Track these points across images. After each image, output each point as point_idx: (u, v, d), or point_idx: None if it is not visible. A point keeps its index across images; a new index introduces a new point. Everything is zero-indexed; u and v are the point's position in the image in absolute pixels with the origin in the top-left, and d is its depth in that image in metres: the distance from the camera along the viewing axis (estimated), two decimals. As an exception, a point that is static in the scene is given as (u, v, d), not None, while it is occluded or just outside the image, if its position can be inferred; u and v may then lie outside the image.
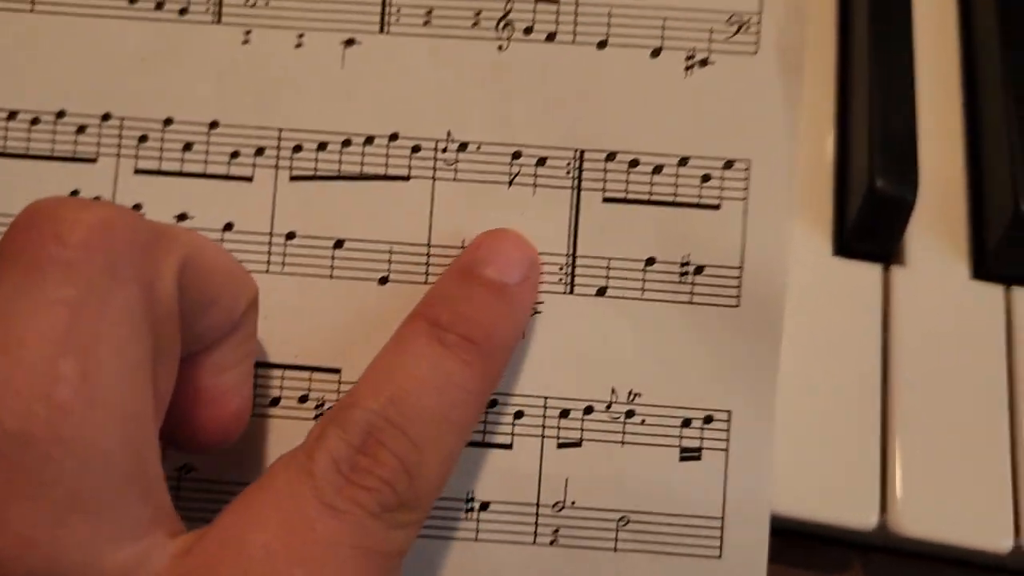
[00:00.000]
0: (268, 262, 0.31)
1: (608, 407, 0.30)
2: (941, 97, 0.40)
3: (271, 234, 0.31)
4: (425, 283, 0.31)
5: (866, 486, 0.33)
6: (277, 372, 0.31)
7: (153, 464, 0.23)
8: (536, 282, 0.31)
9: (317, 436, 0.25)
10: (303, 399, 0.31)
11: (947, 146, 0.39)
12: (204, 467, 0.31)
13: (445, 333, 0.27)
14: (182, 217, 0.31)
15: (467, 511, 0.30)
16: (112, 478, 0.22)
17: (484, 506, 0.30)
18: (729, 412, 0.30)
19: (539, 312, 0.31)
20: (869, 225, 0.36)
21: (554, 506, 0.30)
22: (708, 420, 0.30)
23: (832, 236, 0.37)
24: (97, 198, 0.31)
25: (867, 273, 0.36)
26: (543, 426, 0.30)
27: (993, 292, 0.36)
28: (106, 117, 0.31)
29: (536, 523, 0.30)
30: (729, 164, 0.31)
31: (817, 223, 0.37)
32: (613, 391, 0.30)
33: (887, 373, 0.35)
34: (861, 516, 0.33)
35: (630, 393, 0.30)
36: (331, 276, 0.31)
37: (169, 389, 0.25)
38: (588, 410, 0.30)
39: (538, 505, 0.30)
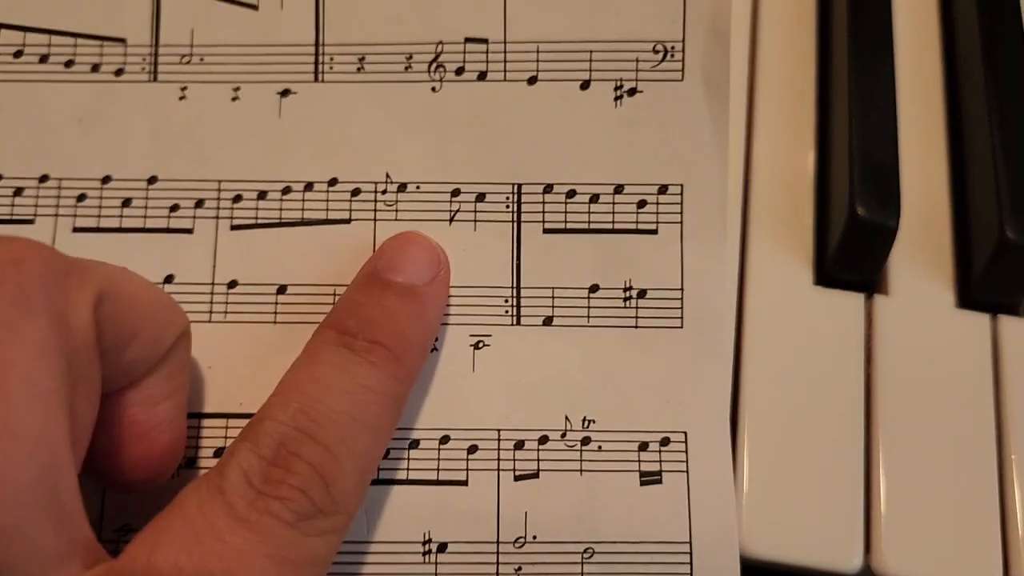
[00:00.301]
0: (211, 311, 0.31)
1: (563, 436, 0.30)
2: (923, 119, 0.38)
3: (213, 284, 0.31)
4: (371, 323, 0.31)
5: (849, 526, 0.31)
6: (221, 422, 0.30)
7: (69, 493, 0.22)
8: (446, 280, 0.30)
9: (229, 453, 0.25)
10: None
11: (930, 170, 0.37)
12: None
13: (353, 339, 0.27)
14: (122, 272, 0.31)
15: (424, 554, 0.29)
16: (21, 507, 0.21)
17: (442, 547, 0.30)
18: (685, 433, 0.30)
19: (487, 345, 0.31)
20: (850, 253, 0.34)
21: (515, 542, 0.30)
22: (665, 442, 0.30)
23: (813, 265, 0.35)
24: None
25: (849, 303, 0.34)
26: (498, 459, 0.30)
27: (979, 321, 0.34)
28: (43, 179, 0.32)
29: (497, 562, 0.29)
30: (663, 189, 0.31)
31: (798, 251, 0.35)
32: (567, 419, 0.30)
33: (870, 407, 0.33)
34: (844, 558, 0.31)
35: (584, 420, 0.30)
36: (275, 322, 0.31)
37: (90, 421, 0.24)
38: (543, 440, 0.30)
39: (498, 543, 0.30)
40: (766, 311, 0.34)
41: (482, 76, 0.32)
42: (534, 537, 0.29)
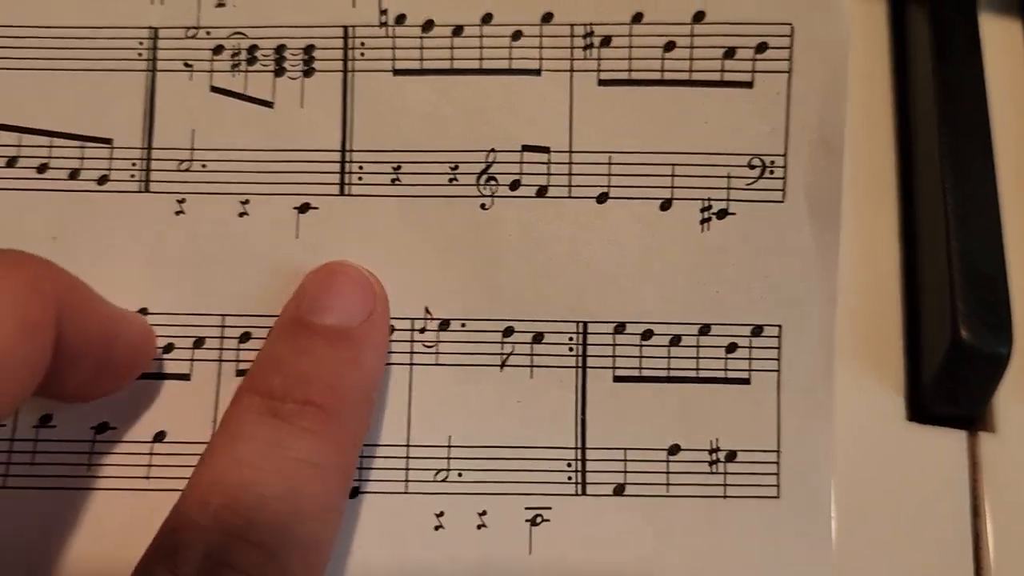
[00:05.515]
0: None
1: (638, 635, 0.25)
2: (1021, 216, 0.33)
3: (215, 443, 0.26)
4: (405, 492, 0.26)
5: None
6: None
7: None
8: (384, 315, 0.26)
9: None
10: None
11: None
12: None
13: (280, 404, 0.23)
14: (101, 428, 0.26)
15: None
16: None
17: None
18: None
19: (547, 520, 0.26)
20: (953, 385, 0.30)
21: None
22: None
23: (905, 398, 0.31)
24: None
25: (949, 443, 0.30)
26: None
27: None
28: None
29: None
30: (758, 330, 0.26)
31: (886, 381, 0.31)
32: (643, 612, 0.25)
33: (980, 568, 0.28)
34: None
35: (663, 615, 0.25)
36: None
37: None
38: (614, 640, 0.25)
39: None
40: (853, 454, 0.30)
41: (542, 192, 0.26)
42: None
